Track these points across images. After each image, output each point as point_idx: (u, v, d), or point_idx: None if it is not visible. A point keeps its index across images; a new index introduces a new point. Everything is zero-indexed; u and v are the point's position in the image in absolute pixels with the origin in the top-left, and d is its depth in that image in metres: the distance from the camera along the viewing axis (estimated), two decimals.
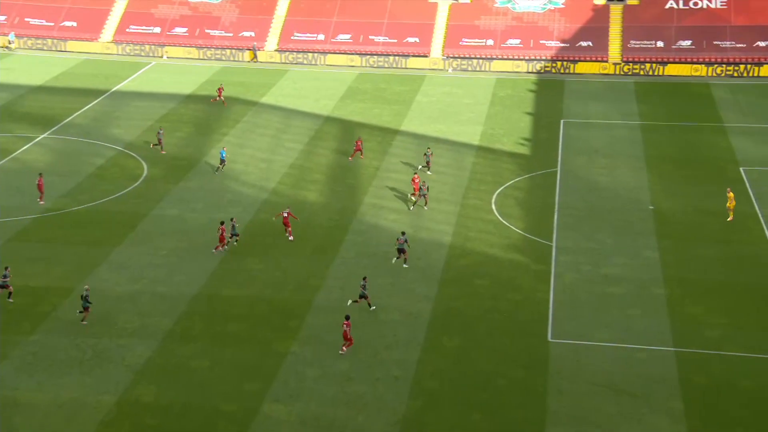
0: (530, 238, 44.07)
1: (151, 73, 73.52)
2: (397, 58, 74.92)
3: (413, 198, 47.62)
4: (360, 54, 75.50)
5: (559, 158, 54.11)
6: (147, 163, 53.96)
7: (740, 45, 71.13)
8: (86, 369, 33.92)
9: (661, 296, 38.45)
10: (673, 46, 72.16)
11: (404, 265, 39.15)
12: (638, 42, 73.09)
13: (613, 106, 63.72)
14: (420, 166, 50.98)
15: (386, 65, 74.79)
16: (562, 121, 60.91)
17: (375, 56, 75.12)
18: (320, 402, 32.23)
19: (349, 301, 38.05)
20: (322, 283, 40.16)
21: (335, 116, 62.90)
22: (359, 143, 54.74)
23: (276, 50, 77.20)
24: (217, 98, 64.66)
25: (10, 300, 38.17)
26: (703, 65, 70.15)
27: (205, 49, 77.93)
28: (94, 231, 44.86)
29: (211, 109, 64.10)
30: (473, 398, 32.26)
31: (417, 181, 47.77)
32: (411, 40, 76.19)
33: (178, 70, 74.44)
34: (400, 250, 39.53)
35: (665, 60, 71.39)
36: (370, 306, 37.82)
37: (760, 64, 69.34)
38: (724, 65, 69.89)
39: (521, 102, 65.25)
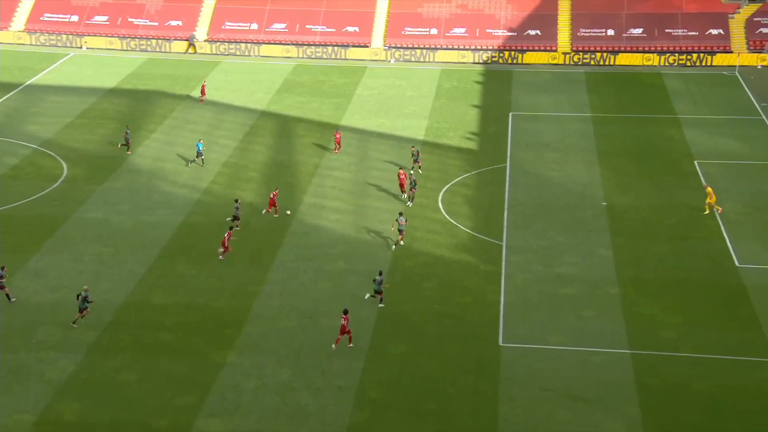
0: (479, 237, 44.46)
1: (69, 65, 72.12)
2: (336, 48, 74.85)
3: (405, 196, 47.76)
4: (296, 44, 75.24)
5: (508, 153, 54.69)
6: (67, 162, 52.93)
7: (692, 33, 72.83)
8: (2, 386, 33.12)
9: (616, 296, 39.17)
10: (624, 35, 73.55)
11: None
12: (588, 30, 74.29)
13: (563, 97, 64.65)
14: (411, 168, 50.52)
15: (325, 56, 74.66)
16: (510, 113, 61.59)
17: (312, 47, 74.94)
18: (260, 415, 32.03)
19: (367, 295, 38.37)
20: (261, 289, 39.92)
21: (271, 111, 62.54)
22: (338, 136, 54.82)
23: (206, 40, 76.45)
24: (202, 97, 63.59)
25: (13, 300, 38.12)
26: (654, 54, 71.65)
27: (129, 39, 76.77)
28: (8, 237, 43.84)
29: (136, 105, 63.15)
30: (421, 407, 32.41)
31: (403, 177, 47.93)
32: (350, 29, 76.18)
33: (99, 61, 73.18)
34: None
35: (616, 49, 72.69)
36: (381, 302, 38.12)
37: (712, 53, 71.10)
38: (676, 54, 71.49)
39: (467, 94, 65.76)
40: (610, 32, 73.87)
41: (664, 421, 31.60)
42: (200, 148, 52.62)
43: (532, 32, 74.55)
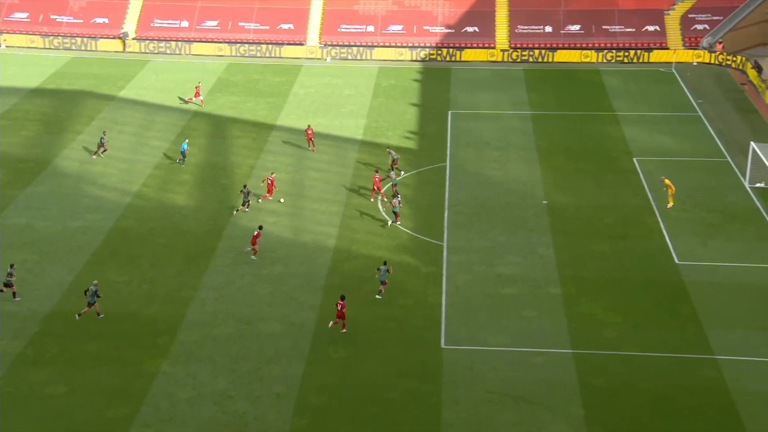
0: (420, 238, 44.64)
1: None
2: (270, 46, 74.44)
3: (385, 199, 47.55)
4: (229, 42, 74.64)
5: (448, 152, 55.04)
6: None
7: (629, 29, 74.25)
8: None
9: (557, 296, 39.70)
10: (562, 31, 74.65)
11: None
12: (526, 27, 75.23)
13: (502, 95, 65.33)
14: (389, 172, 50.00)
15: (259, 54, 74.19)
16: (450, 112, 62.00)
17: (246, 45, 74.42)
18: (196, 425, 31.66)
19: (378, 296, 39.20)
20: (195, 295, 39.49)
21: (204, 111, 61.92)
22: (309, 132, 54.67)
23: (134, 38, 75.33)
24: (193, 98, 62.40)
25: (17, 299, 38.25)
26: (592, 51, 72.83)
27: (52, 37, 75.25)
28: None
29: (60, 105, 61.92)
30: (363, 413, 32.41)
31: (378, 180, 47.78)
32: (285, 26, 75.85)
33: (19, 60, 71.56)
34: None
35: (554, 46, 73.73)
36: (379, 293, 38.81)
37: (649, 50, 72.57)
38: (613, 51, 72.77)
39: (406, 92, 66.01)
40: (548, 29, 74.90)
41: (608, 420, 32.12)
42: (184, 148, 52.61)
43: (470, 29, 75.18)
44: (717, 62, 71.01)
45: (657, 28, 74.18)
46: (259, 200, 47.71)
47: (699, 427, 31.82)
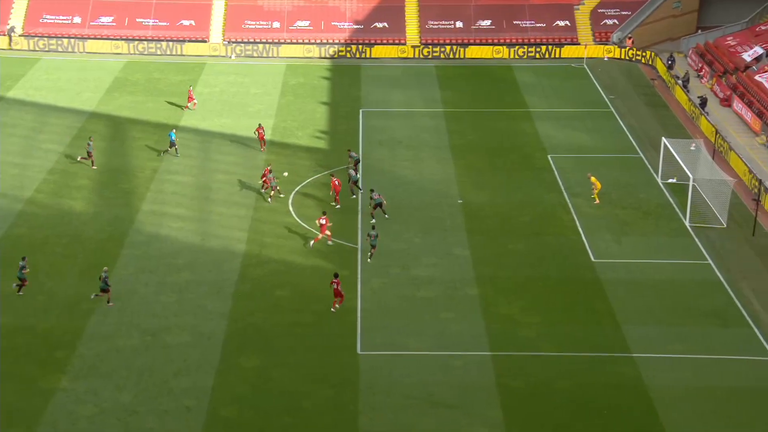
0: (333, 241, 44.64)
1: None
2: (171, 43, 73.38)
3: (338, 206, 47.53)
4: (126, 39, 73.30)
5: (360, 152, 55.19)
6: None
7: (540, 25, 75.76)
8: None
9: (475, 297, 40.23)
10: (473, 27, 75.67)
11: (386, 216, 44.83)
12: (436, 22, 76.00)
13: (414, 92, 65.85)
14: (350, 172, 49.54)
15: (159, 52, 73.05)
16: (361, 110, 62.19)
17: (145, 42, 73.19)
18: None
19: (369, 258, 42.11)
20: (95, 306, 38.68)
21: (101, 112, 60.66)
22: (260, 131, 54.41)
23: (21, 35, 73.24)
24: (188, 104, 61.12)
25: (20, 293, 39.18)
26: (504, 47, 74.04)
27: None
28: None
29: None
30: (277, 424, 32.25)
31: (337, 184, 47.48)
32: (186, 22, 74.91)
33: None
34: (378, 204, 43.75)
35: (465, 41, 74.69)
36: (369, 257, 42.35)
37: (560, 45, 74.17)
38: (525, 46, 74.14)
39: (315, 90, 65.94)
40: (459, 24, 75.83)
41: (527, 422, 32.70)
42: (173, 138, 53.05)
43: (379, 25, 75.54)
44: (627, 57, 73.06)
45: (567, 23, 75.91)
46: (262, 191, 48.57)
47: (618, 424, 32.69)
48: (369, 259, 42.35)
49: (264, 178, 48.51)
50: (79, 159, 52.37)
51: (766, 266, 42.85)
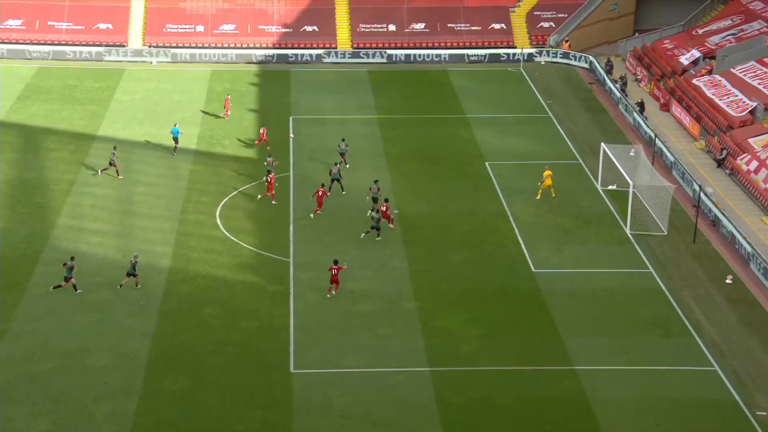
0: (264, 254, 44.43)
1: None
2: (87, 48, 72.31)
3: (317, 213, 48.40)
4: (38, 44, 72.04)
5: (291, 161, 55.07)
6: None
7: (475, 28, 76.55)
8: None
9: (413, 311, 40.37)
10: (406, 30, 76.12)
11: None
12: (368, 26, 76.26)
13: (346, 98, 65.94)
14: (337, 163, 51.56)
15: (74, 57, 71.92)
16: (291, 117, 62.06)
17: (58, 46, 71.98)
18: None
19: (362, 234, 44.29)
20: (8, 328, 37.97)
21: (11, 121, 59.51)
22: (262, 133, 55.49)
23: None
24: (228, 112, 60.95)
25: (78, 291, 40.33)
26: (439, 50, 74.59)
27: None
28: None
29: None
30: None
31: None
32: (103, 26, 73.98)
33: None
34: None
35: (399, 45, 75.08)
36: (378, 235, 45.38)
37: (496, 49, 74.99)
38: (460, 50, 74.78)
39: (243, 97, 65.62)
40: (392, 27, 76.21)
41: None
42: (176, 134, 54.59)
43: (309, 28, 75.52)
44: (564, 61, 74.22)
45: (503, 26, 76.83)
46: (258, 197, 49.42)
47: None
48: (378, 237, 45.58)
49: (267, 183, 49.61)
50: (99, 172, 51.93)
51: (707, 273, 43.87)
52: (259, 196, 49.27)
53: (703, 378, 36.27)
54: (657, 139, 56.72)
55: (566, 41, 75.22)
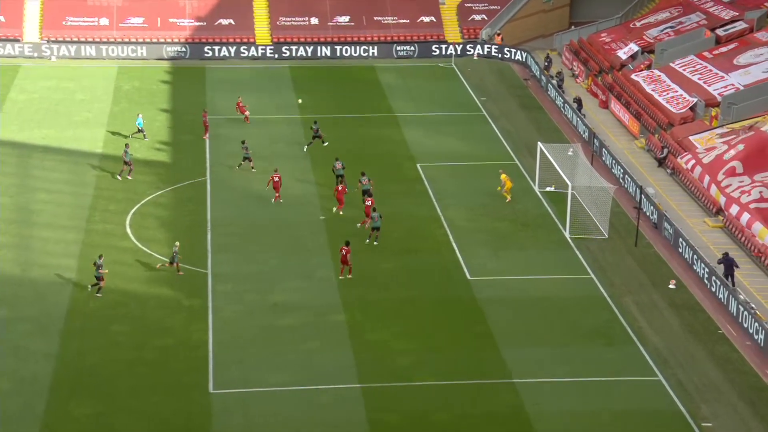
0: (179, 266, 43.91)
1: None
2: None
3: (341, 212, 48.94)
4: None
5: (208, 165, 54.62)
6: None
7: (403, 21, 76.88)
8: None
9: (342, 323, 40.24)
10: (330, 23, 76.10)
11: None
12: (288, 19, 76.06)
13: (266, 97, 65.67)
14: (308, 144, 53.06)
15: None
16: (207, 118, 61.44)
17: None
18: None
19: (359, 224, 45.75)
20: None
21: None
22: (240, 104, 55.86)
23: None
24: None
25: (99, 294, 40.87)
26: (365, 45, 74.69)
27: None
28: None
29: None
30: None
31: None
32: None
33: None
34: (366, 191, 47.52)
35: (322, 40, 74.98)
36: (376, 239, 45.72)
37: (426, 43, 75.39)
38: (388, 45, 74.99)
39: (153, 96, 64.91)
40: (314, 21, 76.10)
41: None
42: (141, 124, 55.82)
43: (224, 22, 75.09)
44: (498, 56, 74.87)
45: (433, 19, 77.29)
46: (272, 200, 49.77)
47: None
48: (375, 242, 45.93)
49: (274, 182, 49.91)
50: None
51: (650, 279, 44.58)
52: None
53: (647, 388, 36.77)
54: (596, 138, 57.56)
55: (498, 34, 75.89)
